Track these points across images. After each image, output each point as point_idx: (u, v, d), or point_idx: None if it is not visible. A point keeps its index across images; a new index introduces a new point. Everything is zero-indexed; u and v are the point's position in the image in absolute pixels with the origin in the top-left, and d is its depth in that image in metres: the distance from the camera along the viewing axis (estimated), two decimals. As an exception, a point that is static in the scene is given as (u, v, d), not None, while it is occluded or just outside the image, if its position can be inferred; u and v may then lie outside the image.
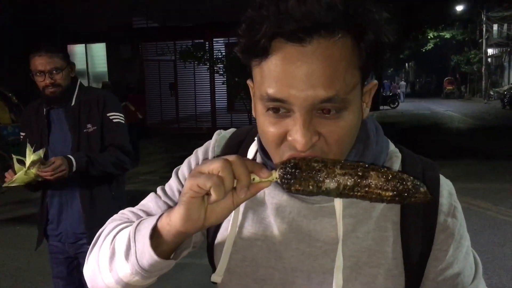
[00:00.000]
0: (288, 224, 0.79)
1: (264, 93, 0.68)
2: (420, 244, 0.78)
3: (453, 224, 0.80)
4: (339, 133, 0.68)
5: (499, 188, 7.04)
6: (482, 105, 26.62)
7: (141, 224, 0.74)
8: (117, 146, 2.29)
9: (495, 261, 4.35)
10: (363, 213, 0.78)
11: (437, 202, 0.80)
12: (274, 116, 0.69)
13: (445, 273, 0.79)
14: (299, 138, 0.66)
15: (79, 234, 2.30)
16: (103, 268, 0.78)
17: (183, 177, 0.91)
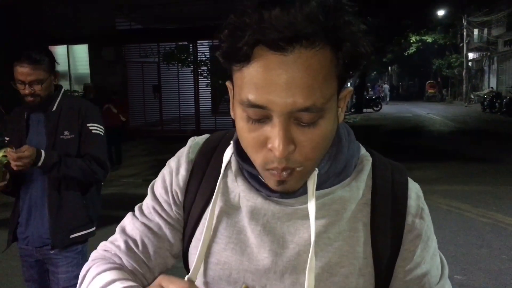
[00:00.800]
0: (262, 226, 0.81)
1: (244, 98, 0.69)
2: (389, 244, 0.81)
3: (420, 225, 0.82)
4: (315, 140, 0.71)
5: (479, 190, 7.17)
6: (463, 108, 27.08)
7: None
8: (92, 157, 2.26)
9: (472, 262, 4.43)
10: (335, 215, 0.80)
11: (406, 204, 0.82)
12: (252, 122, 0.71)
13: (412, 273, 0.82)
14: (278, 146, 0.68)
15: (45, 239, 2.28)
16: None
17: (157, 192, 0.92)
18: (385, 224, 0.81)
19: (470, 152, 10.92)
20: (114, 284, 0.78)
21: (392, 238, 0.81)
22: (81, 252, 2.34)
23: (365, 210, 0.82)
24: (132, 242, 0.88)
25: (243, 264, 0.82)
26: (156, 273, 0.89)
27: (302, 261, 0.79)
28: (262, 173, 0.76)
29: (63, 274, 2.28)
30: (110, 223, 5.60)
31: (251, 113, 0.70)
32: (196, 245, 0.86)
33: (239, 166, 0.85)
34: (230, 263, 0.82)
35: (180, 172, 0.90)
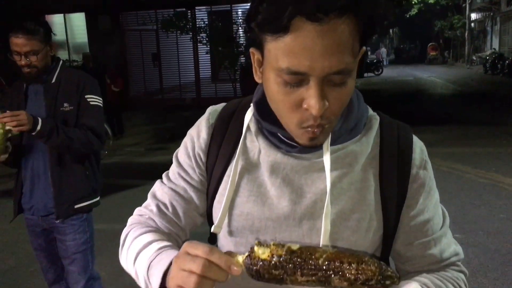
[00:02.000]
0: (282, 179, 0.89)
1: (283, 66, 0.75)
2: (395, 193, 0.90)
3: (424, 175, 0.92)
4: (342, 99, 0.80)
5: (480, 152, 7.24)
6: (464, 71, 26.86)
7: (150, 269, 0.84)
8: (89, 127, 2.30)
9: (471, 221, 4.54)
10: (347, 167, 0.89)
11: (410, 157, 0.91)
12: (289, 86, 0.78)
13: (416, 219, 0.91)
14: (315, 105, 0.75)
15: (49, 208, 2.33)
16: (133, 274, 0.93)
17: (181, 158, 1.01)
18: (392, 175, 0.90)
19: (471, 115, 10.93)
20: (151, 245, 0.89)
21: (399, 188, 0.90)
22: (86, 220, 2.40)
23: (374, 163, 0.91)
24: (162, 205, 0.99)
25: (264, 213, 0.90)
26: (188, 231, 1.02)
27: (318, 209, 0.87)
28: (295, 131, 0.84)
29: (70, 241, 2.35)
30: (115, 191, 5.74)
31: (289, 78, 0.76)
32: (219, 200, 0.94)
33: (258, 126, 0.94)
34: (253, 214, 0.91)
35: (201, 136, 0.99)
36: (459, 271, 0.96)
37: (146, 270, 0.86)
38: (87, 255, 2.40)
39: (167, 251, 0.87)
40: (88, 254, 2.41)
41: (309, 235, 0.88)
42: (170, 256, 0.83)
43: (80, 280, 2.38)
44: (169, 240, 0.94)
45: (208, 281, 0.72)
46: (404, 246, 0.94)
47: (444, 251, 0.93)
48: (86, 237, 2.39)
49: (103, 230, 4.62)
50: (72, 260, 2.37)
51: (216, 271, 0.73)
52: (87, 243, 2.39)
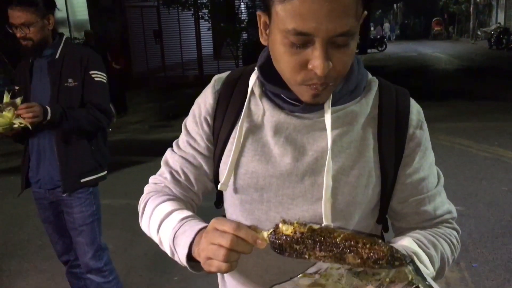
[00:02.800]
0: (285, 138, 0.94)
1: (289, 27, 0.78)
2: (393, 152, 0.94)
3: (420, 134, 0.96)
4: (345, 60, 0.83)
5: (482, 127, 7.25)
6: (469, 46, 26.56)
7: (176, 239, 0.92)
8: (95, 104, 2.31)
9: (473, 193, 4.59)
10: (347, 126, 0.93)
11: (408, 118, 0.95)
12: (295, 47, 0.81)
13: (412, 177, 0.96)
14: (320, 66, 0.79)
15: (56, 181, 2.37)
16: (156, 241, 1.00)
17: (189, 126, 1.06)
18: (390, 134, 0.94)
19: (475, 90, 10.88)
20: (173, 215, 0.97)
21: (396, 146, 0.94)
22: (93, 193, 2.44)
23: (373, 123, 0.95)
24: (175, 173, 1.06)
25: (268, 171, 0.95)
26: (200, 195, 1.08)
27: (319, 165, 0.92)
28: (299, 90, 0.87)
29: (77, 214, 2.40)
30: (119, 168, 5.82)
31: (295, 39, 0.80)
32: (225, 161, 0.99)
33: (262, 89, 0.98)
34: (257, 172, 0.96)
35: (207, 102, 1.03)
36: (452, 228, 1.00)
37: (172, 240, 0.93)
38: (94, 227, 2.46)
39: (190, 222, 0.94)
40: (95, 226, 2.46)
41: (311, 190, 0.93)
42: (193, 228, 0.91)
43: (88, 250, 2.44)
44: (186, 207, 1.02)
45: (235, 253, 0.79)
46: (400, 203, 0.98)
47: (437, 209, 0.98)
48: (93, 210, 2.44)
49: (109, 205, 4.70)
50: (80, 232, 2.42)
51: (243, 245, 0.79)
52: (93, 215, 2.44)
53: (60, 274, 3.32)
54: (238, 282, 1.06)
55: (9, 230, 4.39)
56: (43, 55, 2.31)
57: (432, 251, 0.90)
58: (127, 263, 3.58)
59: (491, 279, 3.10)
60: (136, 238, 3.89)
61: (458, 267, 3.24)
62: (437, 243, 0.93)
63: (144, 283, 3.32)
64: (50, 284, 3.36)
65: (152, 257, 3.66)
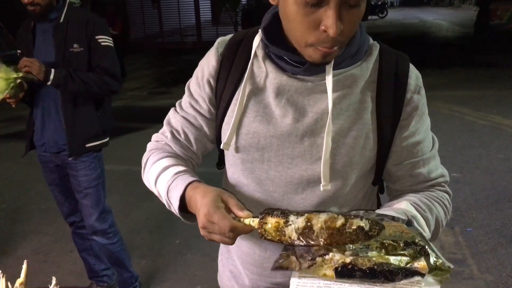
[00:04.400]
0: (286, 100, 0.96)
1: None
2: (391, 115, 0.97)
3: (417, 99, 0.98)
4: (355, 21, 0.85)
5: (481, 95, 7.25)
6: (471, 13, 26.04)
7: (170, 192, 0.98)
8: (103, 68, 2.29)
9: (469, 161, 4.64)
10: (347, 89, 0.95)
11: (406, 82, 0.97)
12: (309, 7, 0.82)
13: (408, 140, 0.98)
14: (333, 27, 0.80)
15: (61, 145, 2.38)
16: (156, 193, 1.07)
17: (193, 88, 1.08)
18: (388, 98, 0.96)
19: (475, 58, 10.80)
20: (168, 170, 1.01)
21: (394, 110, 0.96)
22: (97, 157, 2.47)
23: (372, 87, 0.97)
24: (176, 132, 1.09)
25: (269, 131, 0.97)
26: (200, 155, 1.12)
27: (319, 127, 0.95)
28: (306, 49, 0.88)
29: (83, 177, 2.43)
30: (119, 134, 5.83)
31: (311, 2, 0.81)
32: (228, 121, 1.02)
33: (265, 51, 0.98)
34: (259, 132, 0.98)
35: (210, 64, 1.04)
36: (444, 191, 1.03)
37: (166, 193, 0.99)
38: (99, 190, 2.50)
39: (182, 176, 0.98)
40: (100, 189, 2.50)
41: (310, 150, 0.96)
42: (184, 181, 0.96)
43: (93, 212, 2.49)
44: (185, 163, 1.06)
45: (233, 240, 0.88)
46: (395, 166, 1.01)
47: (431, 172, 1.01)
48: (98, 173, 2.47)
49: (109, 171, 4.71)
50: (85, 195, 2.47)
51: (236, 235, 0.87)
52: (98, 178, 2.48)
53: (64, 236, 3.41)
54: (238, 239, 1.09)
55: (11, 195, 4.45)
56: (47, 19, 2.28)
57: (428, 214, 0.94)
58: (129, 227, 3.65)
59: (484, 243, 3.18)
60: (138, 203, 3.96)
61: (452, 231, 3.32)
62: (432, 206, 0.97)
63: (146, 246, 3.40)
64: (55, 246, 3.44)
65: (153, 221, 3.73)
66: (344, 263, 0.77)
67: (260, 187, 1.01)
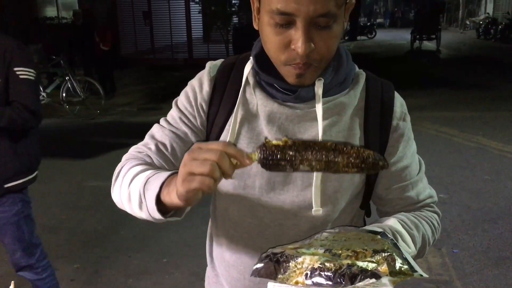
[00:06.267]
0: (277, 127, 0.98)
1: (274, 7, 0.83)
2: (378, 141, 1.00)
3: (403, 126, 1.02)
4: (328, 42, 0.87)
5: (467, 116, 7.37)
6: (458, 35, 26.71)
7: (147, 184, 0.86)
8: (22, 104, 2.08)
9: (456, 182, 4.70)
10: (336, 117, 0.98)
11: (392, 110, 1.01)
12: (279, 27, 0.86)
13: (396, 165, 1.02)
14: (300, 45, 0.84)
15: None
16: (125, 204, 0.95)
17: (182, 105, 1.06)
18: (375, 125, 1.00)
19: (461, 79, 11.01)
20: (149, 170, 0.91)
21: (381, 137, 1.00)
22: (19, 197, 2.25)
23: (360, 114, 1.00)
24: (161, 145, 1.02)
25: None
26: None
27: None
28: (282, 69, 0.91)
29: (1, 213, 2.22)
30: (108, 150, 5.81)
31: (279, 19, 0.84)
32: None
33: (256, 79, 1.00)
34: None
35: (203, 88, 1.04)
36: (433, 212, 1.07)
37: (143, 185, 0.87)
38: (22, 225, 2.28)
39: (166, 171, 0.88)
40: (22, 224, 2.28)
41: (301, 177, 0.98)
42: (168, 172, 0.86)
43: (16, 249, 2.28)
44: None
45: (218, 171, 0.73)
46: (385, 190, 1.05)
47: (420, 194, 1.05)
48: (17, 208, 2.25)
49: (97, 187, 4.73)
50: (4, 233, 2.26)
51: (228, 163, 0.74)
52: (18, 214, 2.25)
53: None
54: (228, 264, 1.10)
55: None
56: None
57: (414, 231, 0.97)
58: (116, 245, 3.62)
59: (470, 265, 3.21)
60: (125, 220, 3.92)
61: (439, 252, 3.35)
62: (420, 224, 1.00)
63: (133, 265, 3.37)
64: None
65: (140, 239, 3.70)
66: (313, 268, 0.77)
67: (251, 212, 1.02)
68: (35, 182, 2.33)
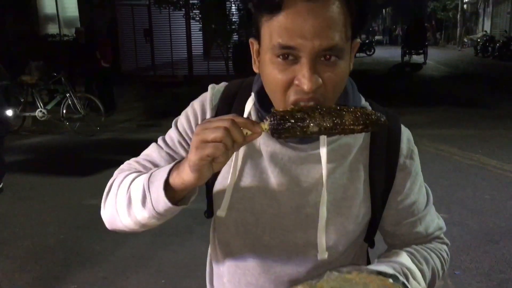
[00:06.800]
0: (280, 168, 0.94)
1: (275, 42, 0.80)
2: (383, 180, 0.97)
3: (410, 164, 0.99)
4: (335, 79, 0.82)
5: (467, 134, 7.37)
6: (455, 53, 26.91)
7: (152, 177, 0.86)
8: None
9: (457, 201, 4.67)
10: (341, 158, 0.94)
11: (398, 147, 0.98)
12: (282, 64, 0.81)
13: (403, 203, 1.00)
14: (306, 81, 0.79)
15: None
16: (122, 213, 0.92)
17: (182, 128, 1.02)
18: (381, 164, 0.97)
19: (460, 97, 11.04)
20: (141, 176, 0.90)
21: (387, 175, 0.97)
22: None
23: (365, 153, 0.97)
24: (154, 166, 0.99)
25: (265, 198, 0.96)
26: None
27: (314, 197, 0.94)
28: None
29: None
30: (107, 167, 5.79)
31: (281, 53, 0.80)
32: (222, 182, 0.99)
33: (258, 115, 0.96)
34: (254, 198, 0.97)
35: (206, 117, 1.01)
36: (442, 243, 1.07)
37: (148, 179, 0.86)
38: None
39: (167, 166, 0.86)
40: None
41: (305, 220, 0.95)
42: (173, 163, 0.85)
43: None
44: None
45: (230, 139, 0.75)
46: (392, 226, 1.03)
47: (428, 227, 1.04)
48: None
49: (96, 206, 4.63)
50: None
51: (239, 131, 0.75)
52: None
53: (48, 277, 3.31)
54: None
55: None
56: None
57: (424, 266, 0.96)
58: (114, 265, 3.58)
59: (473, 287, 3.17)
60: (123, 240, 3.89)
61: (441, 274, 3.31)
62: (429, 258, 1.00)
63: (131, 285, 3.32)
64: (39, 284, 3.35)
65: (139, 259, 3.66)
66: None
67: (253, 251, 1.00)
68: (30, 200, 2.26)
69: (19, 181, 5.48)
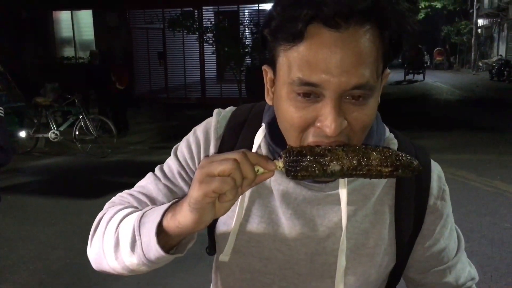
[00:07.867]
0: (293, 210, 0.83)
1: (294, 77, 0.67)
2: (411, 224, 0.85)
3: (441, 206, 0.87)
4: (364, 120, 0.70)
5: (484, 159, 7.19)
6: (470, 77, 26.72)
7: (144, 217, 0.74)
8: None
9: (476, 229, 4.50)
10: (363, 199, 0.83)
11: (428, 186, 0.86)
12: (302, 101, 0.69)
13: (432, 249, 0.88)
14: (330, 123, 0.66)
15: None
16: (108, 255, 0.79)
17: (182, 157, 0.91)
18: (409, 205, 0.85)
19: (476, 121, 10.87)
20: (138, 212, 0.78)
21: (415, 218, 0.85)
22: None
23: (391, 193, 0.85)
24: (150, 200, 0.88)
25: (275, 242, 0.85)
26: None
27: (331, 243, 0.83)
28: None
29: None
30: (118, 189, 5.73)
31: (301, 90, 0.68)
32: (226, 222, 0.88)
33: (269, 149, 0.84)
34: (263, 242, 0.85)
35: (210, 149, 0.89)
36: None
37: (138, 220, 0.74)
38: None
39: (161, 207, 0.75)
40: None
41: (321, 269, 0.85)
42: (166, 205, 0.73)
43: None
44: None
45: (240, 174, 0.64)
46: (419, 274, 0.92)
47: (459, 278, 0.92)
48: None
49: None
50: None
51: (249, 166, 0.65)
52: None
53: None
54: None
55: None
56: None
57: None
58: (121, 292, 3.48)
59: (495, 322, 3.00)
60: (131, 265, 3.79)
61: (461, 307, 3.14)
62: None
63: (137, 314, 3.22)
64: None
65: (146, 286, 3.56)
66: None
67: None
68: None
69: (29, 203, 5.46)
